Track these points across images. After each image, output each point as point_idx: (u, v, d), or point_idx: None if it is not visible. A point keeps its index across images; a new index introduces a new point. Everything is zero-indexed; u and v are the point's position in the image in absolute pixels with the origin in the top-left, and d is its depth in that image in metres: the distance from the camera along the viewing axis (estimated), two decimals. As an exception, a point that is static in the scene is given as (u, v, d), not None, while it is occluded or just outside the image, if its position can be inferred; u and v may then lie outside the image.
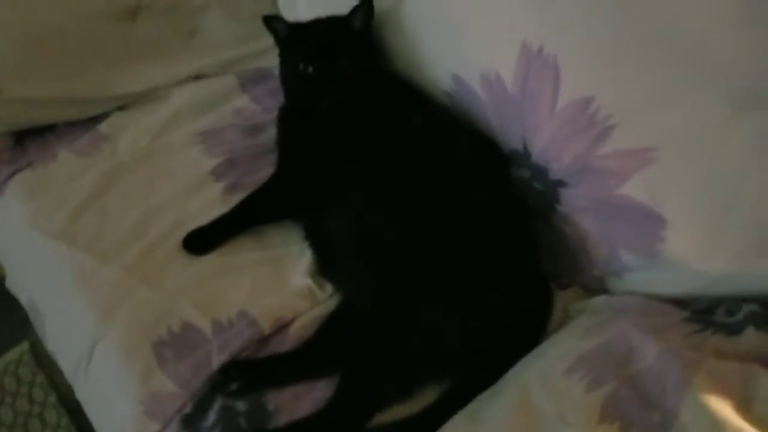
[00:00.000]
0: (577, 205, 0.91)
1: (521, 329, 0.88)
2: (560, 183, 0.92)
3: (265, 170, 1.16)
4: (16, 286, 1.22)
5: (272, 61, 1.30)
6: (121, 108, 1.28)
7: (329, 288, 1.00)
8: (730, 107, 0.73)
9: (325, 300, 0.99)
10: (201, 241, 1.06)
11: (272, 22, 1.11)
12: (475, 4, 0.94)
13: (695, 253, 0.79)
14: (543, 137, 0.90)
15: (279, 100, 1.27)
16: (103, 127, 1.24)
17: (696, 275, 0.81)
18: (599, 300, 0.92)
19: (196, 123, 1.24)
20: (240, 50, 1.33)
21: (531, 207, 0.98)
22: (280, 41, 1.13)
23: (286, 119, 1.16)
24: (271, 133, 1.22)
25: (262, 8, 1.32)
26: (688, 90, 0.76)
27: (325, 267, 1.02)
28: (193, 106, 1.26)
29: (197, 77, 1.31)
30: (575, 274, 0.97)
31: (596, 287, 0.95)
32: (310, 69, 1.05)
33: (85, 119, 1.26)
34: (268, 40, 1.29)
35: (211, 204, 1.11)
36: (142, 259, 1.04)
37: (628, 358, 0.72)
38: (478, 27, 0.95)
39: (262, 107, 1.28)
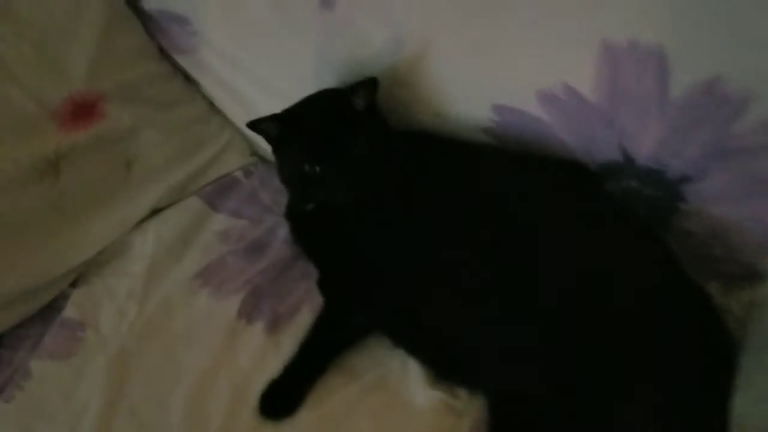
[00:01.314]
0: (710, 195, 0.82)
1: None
2: (684, 179, 0.83)
3: (298, 290, 0.97)
4: None
5: (230, 164, 1.13)
6: (76, 283, 0.99)
7: (462, 392, 0.83)
8: None
9: (468, 407, 0.82)
10: (282, 402, 0.84)
11: (258, 125, 0.90)
12: (522, 21, 0.83)
13: None
14: (651, 137, 0.81)
15: (261, 204, 1.09)
16: (69, 312, 0.95)
17: None
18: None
19: (184, 266, 1.00)
20: (190, 165, 1.10)
21: (644, 218, 0.88)
22: (272, 141, 0.93)
23: (303, 220, 0.97)
24: (278, 245, 1.03)
25: (197, 110, 1.12)
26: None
27: (447, 370, 0.84)
28: (169, 248, 1.02)
29: (153, 213, 1.06)
30: (710, 269, 0.88)
31: (741, 273, 0.87)
32: (318, 168, 0.87)
33: (37, 312, 0.96)
34: (216, 144, 1.11)
35: (263, 352, 0.89)
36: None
37: None
38: (527, 43, 0.83)
39: (248, 220, 1.08)
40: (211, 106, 1.15)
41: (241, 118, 1.13)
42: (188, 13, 1.04)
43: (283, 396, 0.84)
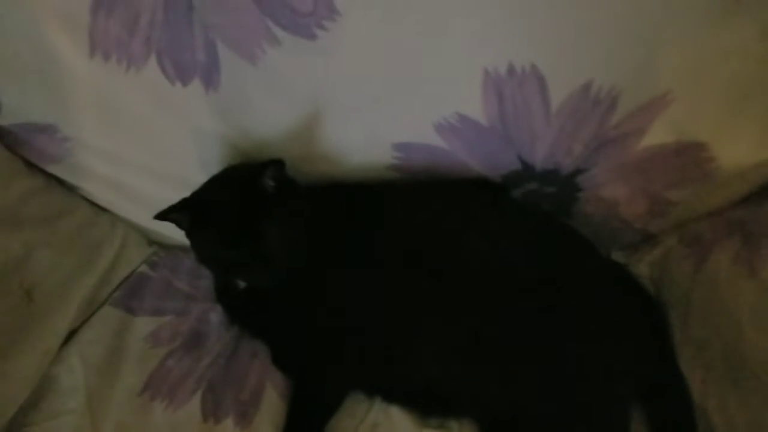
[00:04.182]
0: (601, 181, 0.93)
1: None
2: (577, 172, 0.92)
3: (253, 371, 0.95)
4: None
5: (133, 261, 1.09)
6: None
7: (452, 422, 0.87)
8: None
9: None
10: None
11: (168, 216, 0.85)
12: (406, 64, 0.86)
13: (748, 154, 0.87)
14: (544, 144, 0.89)
15: (180, 293, 1.06)
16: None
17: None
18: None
19: (125, 384, 0.93)
20: (93, 275, 1.03)
21: (547, 210, 0.98)
22: (184, 228, 0.90)
23: (238, 300, 0.95)
24: (215, 332, 1.00)
25: (83, 215, 1.06)
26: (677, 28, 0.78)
27: (429, 406, 0.88)
28: (101, 370, 0.95)
29: (69, 336, 0.98)
30: (612, 241, 1.00)
31: (639, 239, 1.01)
32: (231, 255, 0.85)
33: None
34: (113, 244, 1.06)
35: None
36: None
37: None
38: (417, 84, 0.87)
39: (173, 314, 1.03)
40: (95, 207, 1.08)
41: (131, 211, 1.08)
42: (54, 121, 0.96)
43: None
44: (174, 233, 1.07)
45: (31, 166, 1.01)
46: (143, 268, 1.09)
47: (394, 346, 0.86)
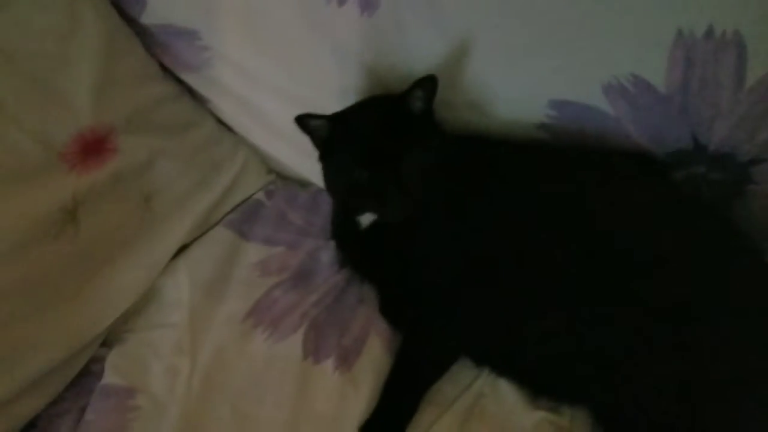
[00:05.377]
0: None
1: None
2: (754, 161, 0.81)
3: (358, 317, 0.90)
4: None
5: (251, 186, 1.04)
6: (106, 342, 0.88)
7: (566, 409, 0.79)
8: None
9: (574, 424, 0.78)
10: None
11: (306, 121, 0.82)
12: (585, 15, 0.77)
13: None
14: (725, 123, 0.79)
15: (293, 226, 1.01)
16: (111, 378, 0.84)
17: None
18: None
19: (230, 307, 0.91)
20: (211, 192, 1.00)
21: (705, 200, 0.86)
22: (319, 141, 0.85)
23: (356, 241, 0.90)
24: (325, 271, 0.95)
25: (209, 131, 1.02)
26: None
27: (545, 385, 0.80)
28: (207, 289, 0.92)
29: (180, 251, 0.96)
30: None
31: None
32: (366, 176, 0.80)
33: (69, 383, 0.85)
34: (233, 166, 1.02)
35: (341, 394, 0.82)
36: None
37: None
38: (591, 37, 0.78)
39: (285, 246, 0.99)
40: (220, 125, 1.05)
41: (257, 134, 1.05)
42: (197, 26, 0.93)
43: None
44: (294, 163, 1.04)
45: (165, 73, 0.99)
46: (259, 195, 1.05)
47: (517, 313, 0.78)
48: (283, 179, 1.09)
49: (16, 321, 0.78)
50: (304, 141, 0.92)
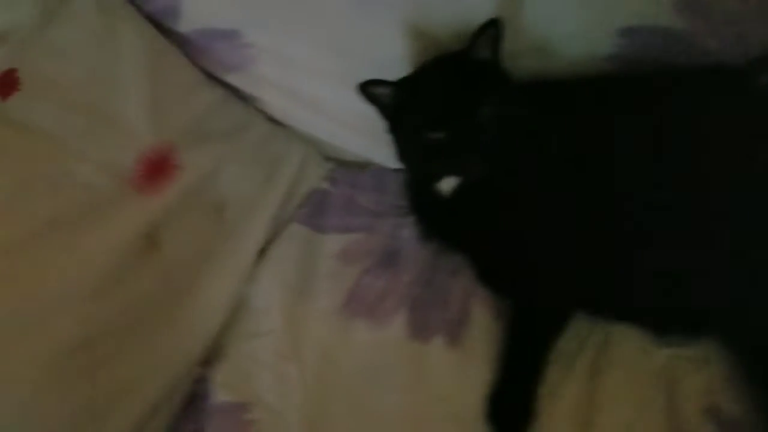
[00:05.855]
0: None
1: None
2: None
3: (456, 289, 0.88)
4: None
5: (314, 177, 1.03)
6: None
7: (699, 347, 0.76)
8: None
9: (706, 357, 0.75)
10: (517, 416, 0.75)
11: (369, 88, 0.80)
12: None
13: None
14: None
15: (364, 210, 0.99)
16: (220, 396, 0.82)
17: None
18: None
19: (322, 303, 0.88)
20: (278, 190, 0.97)
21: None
22: (386, 109, 0.82)
23: (439, 211, 0.86)
24: (410, 249, 0.92)
25: (263, 128, 1.00)
26: None
27: (670, 325, 0.77)
28: (295, 289, 0.90)
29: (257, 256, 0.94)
30: None
31: None
32: (441, 136, 0.76)
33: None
34: (293, 159, 0.99)
35: (459, 369, 0.81)
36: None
37: None
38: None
39: (362, 231, 0.96)
40: (270, 121, 1.02)
41: (311, 122, 1.01)
42: (237, 25, 0.90)
43: (515, 410, 0.75)
44: (352, 145, 1.01)
45: (209, 78, 0.96)
46: (324, 184, 1.03)
47: (627, 254, 0.75)
48: (342, 164, 1.06)
49: (123, 354, 0.77)
50: (361, 120, 0.90)
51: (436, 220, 0.89)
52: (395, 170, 1.00)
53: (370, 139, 0.97)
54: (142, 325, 0.80)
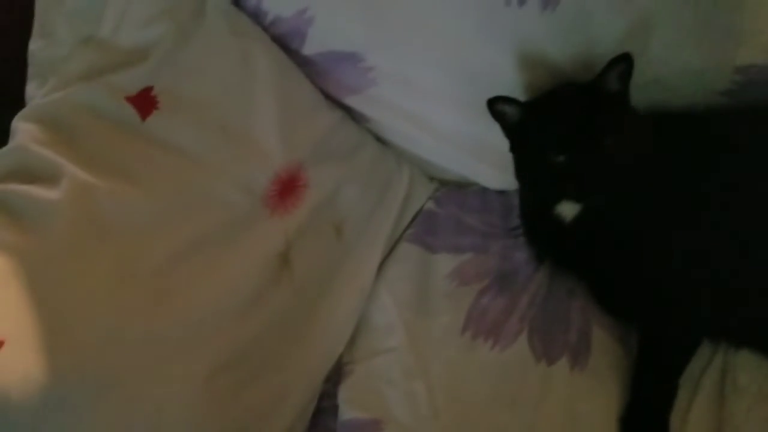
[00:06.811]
0: None
1: None
2: None
3: (574, 310, 0.89)
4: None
5: (421, 197, 1.06)
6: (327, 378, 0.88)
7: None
8: None
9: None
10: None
11: (498, 105, 0.82)
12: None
13: None
14: None
15: (473, 230, 1.00)
16: (350, 413, 0.83)
17: None
18: None
19: (443, 322, 0.90)
20: (390, 210, 0.99)
21: None
22: (511, 128, 0.85)
23: (558, 235, 0.87)
24: (524, 270, 0.94)
25: (374, 149, 1.01)
26: None
27: None
28: (414, 308, 0.91)
29: (374, 274, 0.95)
30: None
31: None
32: (564, 159, 0.78)
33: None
34: (402, 179, 1.01)
35: (590, 392, 0.81)
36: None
37: None
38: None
39: (472, 252, 0.97)
40: (379, 142, 1.03)
41: (422, 142, 1.02)
42: (359, 48, 0.92)
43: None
44: (458, 166, 1.03)
45: (328, 99, 0.98)
46: (430, 204, 1.04)
47: (757, 280, 0.77)
48: (446, 184, 1.08)
49: (263, 373, 0.78)
50: (470, 141, 0.94)
51: (554, 244, 0.90)
52: (498, 191, 1.02)
53: (476, 160, 0.99)
54: (279, 344, 0.81)
